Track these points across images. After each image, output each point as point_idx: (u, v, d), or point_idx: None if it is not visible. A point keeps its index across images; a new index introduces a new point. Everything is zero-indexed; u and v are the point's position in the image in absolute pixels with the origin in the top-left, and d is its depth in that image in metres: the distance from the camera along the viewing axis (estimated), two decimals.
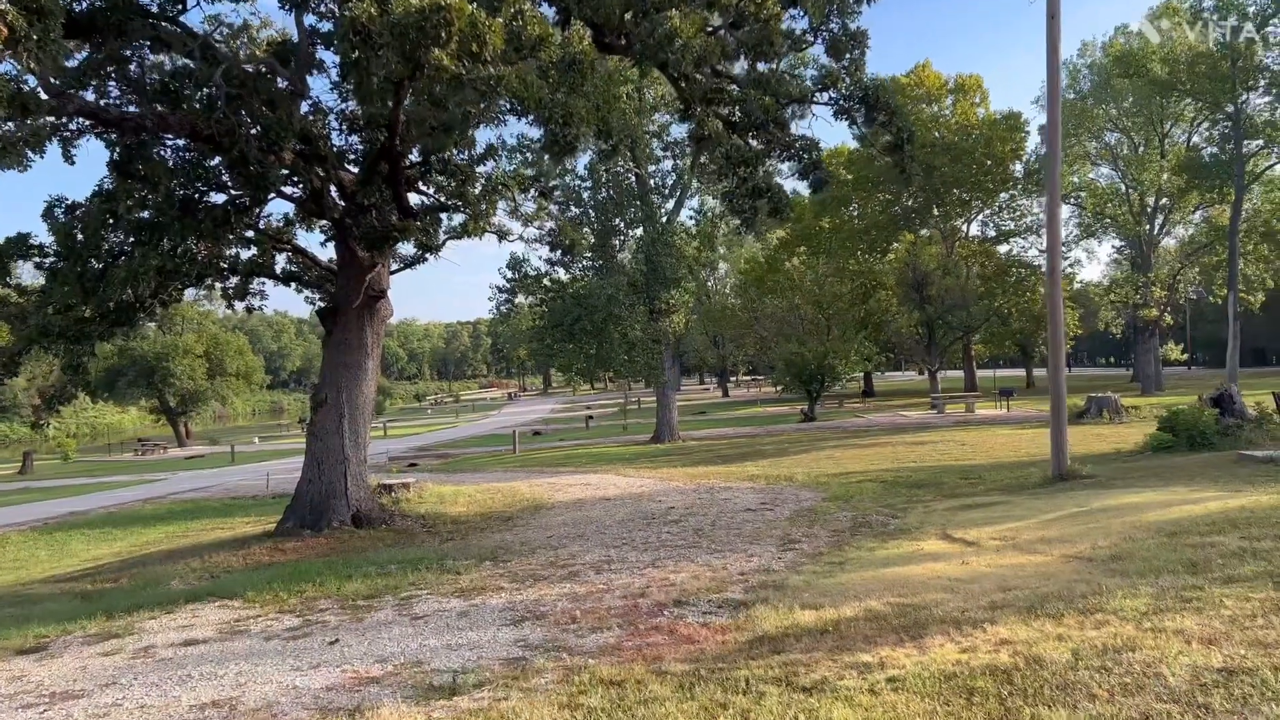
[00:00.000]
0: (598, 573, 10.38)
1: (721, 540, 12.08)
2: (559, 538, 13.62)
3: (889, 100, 13.34)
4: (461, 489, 23.15)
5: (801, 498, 16.58)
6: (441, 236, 17.27)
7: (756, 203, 13.87)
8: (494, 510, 18.61)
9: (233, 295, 17.55)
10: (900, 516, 13.12)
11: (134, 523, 24.76)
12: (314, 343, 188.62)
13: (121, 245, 14.38)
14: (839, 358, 46.93)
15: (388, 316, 16.88)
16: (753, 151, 13.18)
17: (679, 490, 19.33)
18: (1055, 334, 15.63)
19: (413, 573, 10.96)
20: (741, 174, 13.30)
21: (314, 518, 15.92)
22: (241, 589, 10.69)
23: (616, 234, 38.56)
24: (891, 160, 14.45)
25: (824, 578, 9.13)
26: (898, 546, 10.59)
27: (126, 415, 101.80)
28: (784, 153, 13.73)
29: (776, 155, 13.78)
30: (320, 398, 16.15)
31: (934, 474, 19.67)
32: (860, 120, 13.67)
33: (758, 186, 13.58)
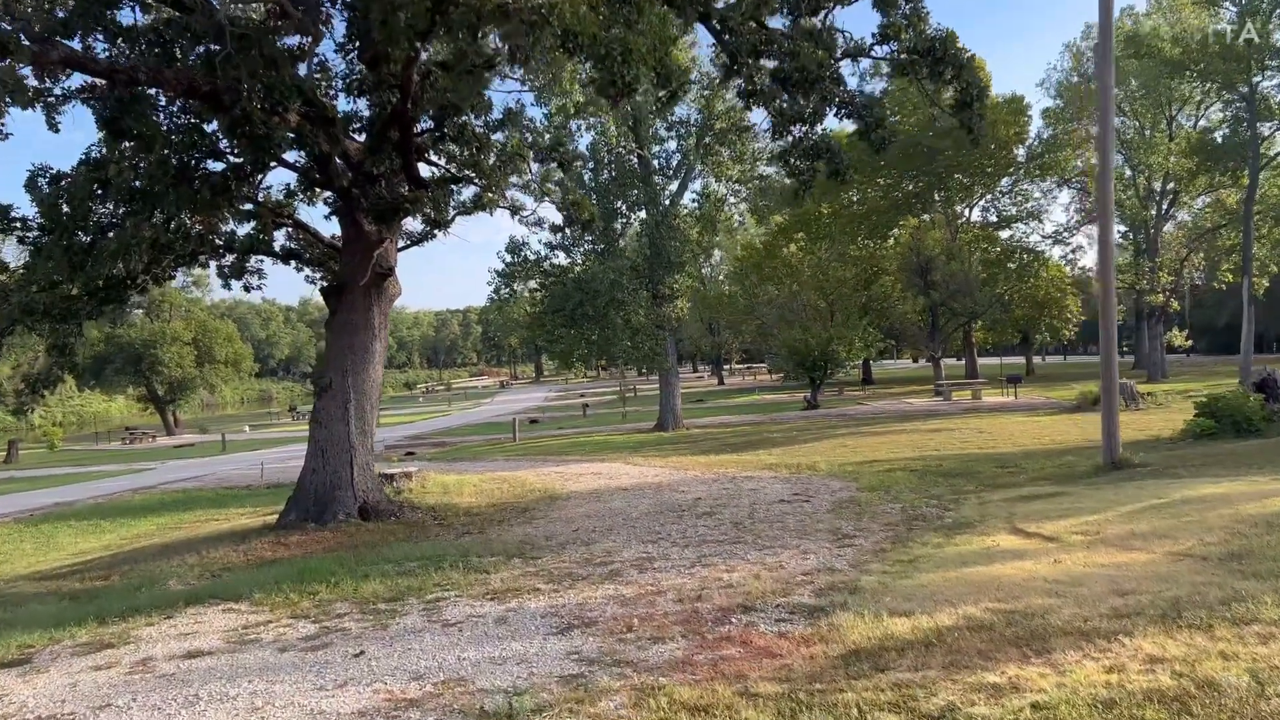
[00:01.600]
0: (641, 571, 9.44)
1: (767, 535, 11.16)
2: (586, 531, 12.67)
3: (957, 53, 12.38)
4: (465, 478, 22.20)
5: (834, 488, 15.67)
6: (451, 211, 16.26)
7: (815, 164, 12.90)
8: (506, 501, 17.66)
9: (229, 274, 16.50)
10: (953, 509, 12.22)
11: (123, 514, 23.77)
12: (303, 330, 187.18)
13: (111, 217, 13.36)
14: (843, 344, 46.13)
15: (396, 295, 15.87)
16: (809, 108, 12.21)
17: (699, 480, 18.41)
18: (1107, 320, 14.74)
19: (436, 571, 10.00)
20: (796, 133, 12.34)
21: (318, 510, 14.94)
22: (247, 589, 9.72)
23: (619, 217, 37.54)
24: (959, 120, 13.47)
25: (900, 578, 8.21)
26: (967, 542, 9.68)
27: (113, 403, 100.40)
28: (842, 109, 12.76)
29: (834, 112, 12.85)
30: (325, 382, 15.15)
31: (965, 463, 18.80)
32: (925, 75, 12.69)
33: (816, 146, 12.61)
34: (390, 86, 12.61)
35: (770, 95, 11.80)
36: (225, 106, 11.13)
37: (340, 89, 14.47)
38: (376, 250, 14.78)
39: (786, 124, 12.35)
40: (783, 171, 13.56)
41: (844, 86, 12.54)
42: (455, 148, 14.84)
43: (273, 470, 31.69)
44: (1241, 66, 39.59)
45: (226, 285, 16.45)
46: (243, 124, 11.03)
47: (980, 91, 12.86)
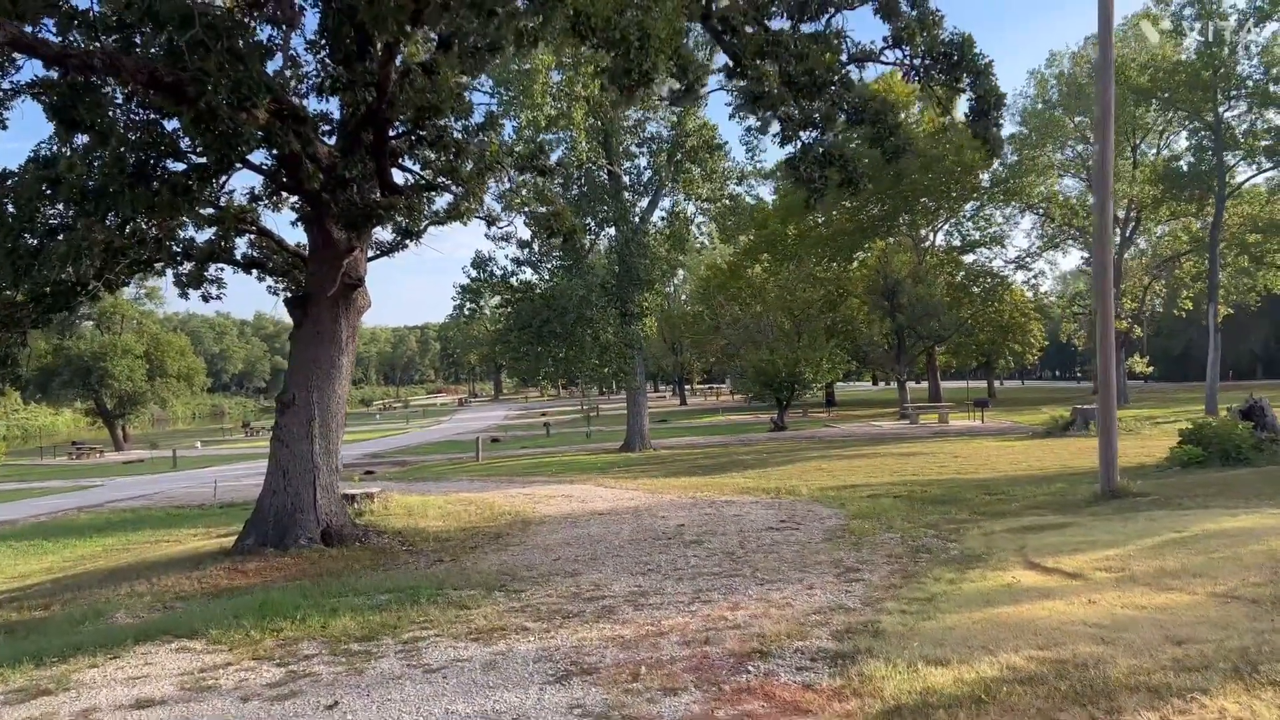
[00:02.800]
0: (636, 608, 8.71)
1: (764, 567, 10.48)
2: (567, 561, 11.92)
3: (975, 58, 11.84)
4: (429, 499, 21.39)
5: (821, 515, 15.05)
6: (423, 221, 15.50)
7: (826, 172, 12.30)
8: (476, 525, 16.85)
9: (186, 283, 15.58)
10: (955, 540, 11.62)
11: (68, 534, 22.62)
12: (257, 345, 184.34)
13: (61, 218, 12.46)
14: (809, 365, 45.79)
15: (365, 308, 15.04)
16: (819, 112, 11.62)
17: (677, 505, 17.72)
18: (1105, 344, 14.27)
19: (411, 606, 9.19)
20: (805, 139, 11.75)
21: (278, 534, 14.03)
22: (203, 625, 8.85)
23: (588, 232, 36.89)
24: (973, 130, 12.93)
25: (923, 619, 7.57)
26: (983, 578, 9.07)
27: (60, 417, 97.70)
28: (853, 116, 12.18)
29: (844, 119, 12.23)
30: (288, 397, 14.27)
31: (950, 489, 18.29)
32: (940, 81, 12.14)
33: (828, 153, 12.01)
34: (366, 85, 11.88)
35: (778, 99, 11.19)
36: (189, 100, 10.31)
37: (310, 88, 13.69)
38: (346, 259, 13.97)
39: (795, 129, 11.76)
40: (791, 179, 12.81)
41: (854, 91, 12.00)
42: (431, 153, 14.11)
43: (226, 489, 30.56)
44: (1208, 96, 39.93)
45: (184, 295, 15.56)
46: (208, 119, 10.22)
47: (999, 99, 12.35)
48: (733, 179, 41.30)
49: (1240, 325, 65.07)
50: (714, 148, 37.21)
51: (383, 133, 12.66)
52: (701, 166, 37.59)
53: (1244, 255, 47.70)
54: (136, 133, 12.32)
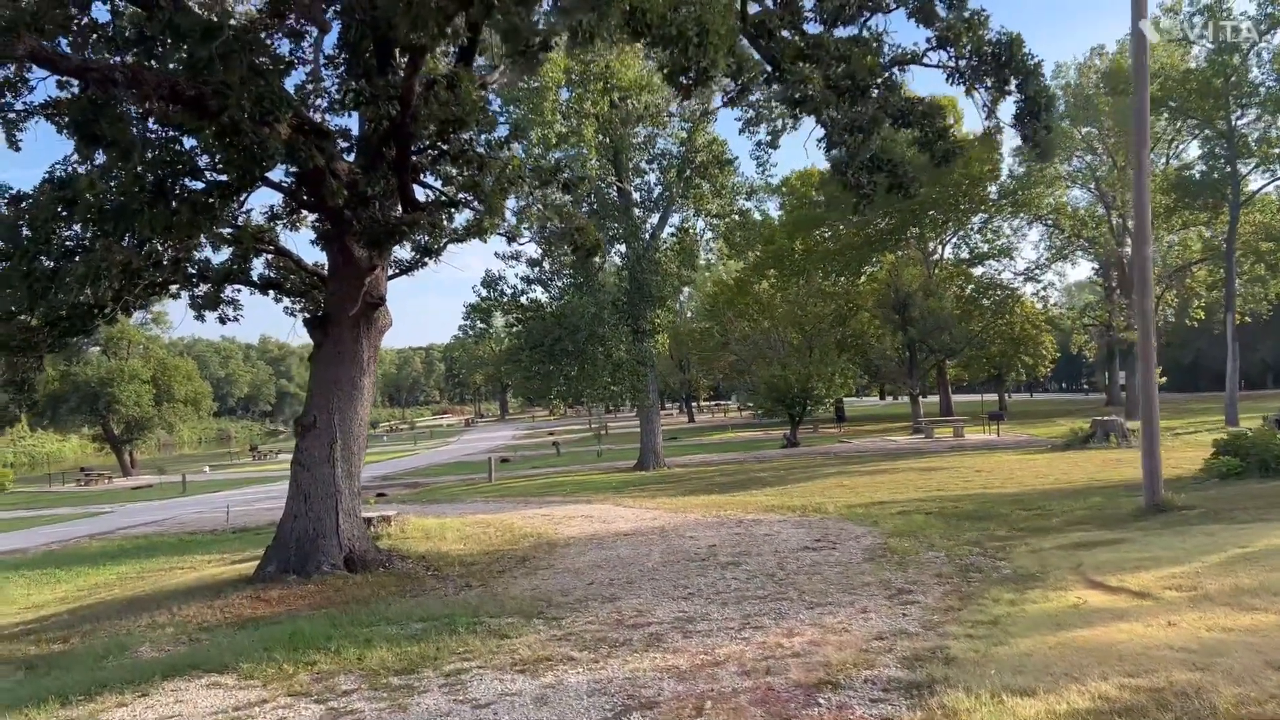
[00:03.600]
0: (685, 636, 8.34)
1: (810, 590, 10.10)
2: (602, 585, 11.54)
3: (1024, 58, 11.52)
4: (447, 522, 21.00)
5: (855, 533, 14.66)
6: (443, 238, 15.20)
7: (875, 177, 11.96)
8: (498, 548, 16.46)
9: (203, 304, 15.26)
10: (1004, 558, 11.24)
11: (80, 562, 22.25)
12: (262, 369, 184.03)
13: (78, 240, 12.17)
14: (821, 380, 45.41)
15: (386, 327, 14.71)
16: (865, 116, 11.29)
17: (703, 524, 17.32)
18: (1145, 354, 13.91)
19: (449, 635, 8.83)
20: (851, 144, 11.43)
21: (300, 560, 13.66)
22: (232, 658, 8.49)
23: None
24: (1022, 133, 12.60)
25: (994, 645, 7.19)
26: (1045, 599, 8.69)
27: (67, 443, 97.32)
28: (899, 120, 11.87)
29: (890, 122, 11.91)
30: (309, 420, 13.92)
31: (981, 504, 17.87)
32: (989, 85, 11.80)
33: (876, 158, 11.69)
34: (389, 98, 11.59)
35: (821, 102, 10.87)
36: (211, 114, 10.03)
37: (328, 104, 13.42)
38: (367, 278, 13.65)
39: (840, 133, 11.44)
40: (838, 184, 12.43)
41: (899, 94, 11.69)
42: (453, 169, 13.82)
43: (238, 513, 30.23)
44: (1219, 104, 39.71)
45: (200, 317, 15.22)
46: (231, 133, 9.94)
47: (1049, 100, 12.02)
48: (742, 194, 41.09)
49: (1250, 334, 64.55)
50: (724, 163, 36.98)
51: (405, 148, 12.37)
52: (711, 182, 37.35)
53: (1260, 263, 47.34)
54: (154, 150, 12.04)
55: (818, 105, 10.75)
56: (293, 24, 12.09)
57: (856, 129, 11.28)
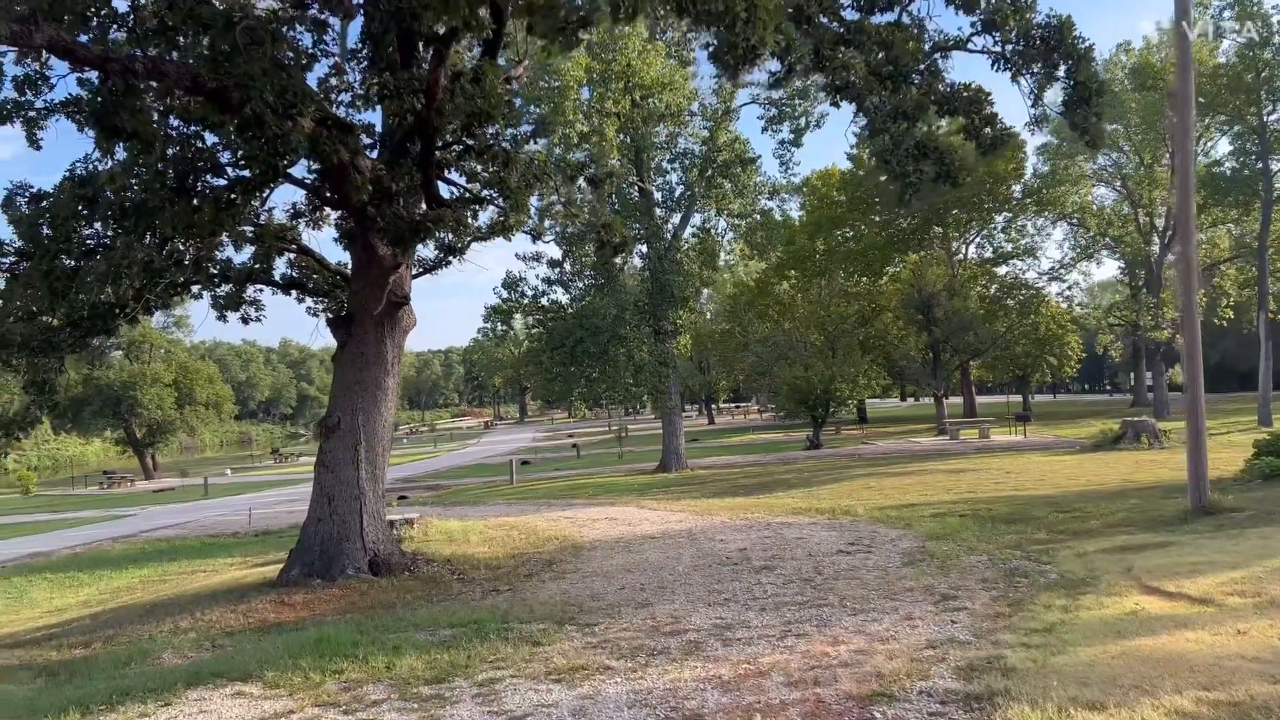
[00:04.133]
0: (725, 644, 8.03)
1: (850, 595, 9.77)
2: (633, 590, 11.24)
3: (1075, 42, 11.12)
4: (469, 524, 20.76)
5: (889, 536, 14.31)
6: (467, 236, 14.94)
7: (920, 165, 11.60)
8: (524, 551, 16.19)
9: (225, 305, 15.08)
10: (1048, 562, 10.88)
11: (103, 565, 22.16)
12: (283, 372, 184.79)
13: (99, 239, 11.98)
14: (845, 382, 44.96)
15: (410, 327, 14.47)
16: (909, 102, 10.93)
17: (731, 527, 17.00)
18: (1192, 348, 13.50)
19: (479, 642, 8.54)
20: (895, 131, 11.09)
21: (324, 564, 13.42)
22: (257, 666, 8.24)
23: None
24: (1070, 121, 12.20)
25: (1053, 654, 6.85)
26: (1100, 605, 8.33)
27: (90, 447, 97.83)
28: (944, 106, 11.51)
29: (935, 109, 11.56)
30: (332, 421, 13.69)
31: (1016, 507, 17.46)
32: (1036, 70, 11.41)
33: (921, 145, 11.34)
34: (414, 91, 11.34)
35: (865, 89, 10.51)
36: (233, 107, 9.81)
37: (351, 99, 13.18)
38: (391, 276, 13.40)
39: (884, 121, 11.09)
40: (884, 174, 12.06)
41: (943, 81, 11.33)
42: (478, 165, 13.55)
43: (260, 516, 30.11)
44: (1250, 99, 39.06)
45: (222, 317, 15.05)
46: (254, 126, 9.71)
47: (1100, 86, 11.63)
48: (764, 193, 40.74)
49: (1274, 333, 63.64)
50: (746, 161, 36.61)
51: (430, 143, 12.11)
52: (733, 181, 36.97)
53: None
54: (176, 147, 11.83)
55: (860, 92, 10.40)
56: (315, 14, 11.85)
57: (901, 115, 10.92)
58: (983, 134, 11.47)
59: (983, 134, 11.47)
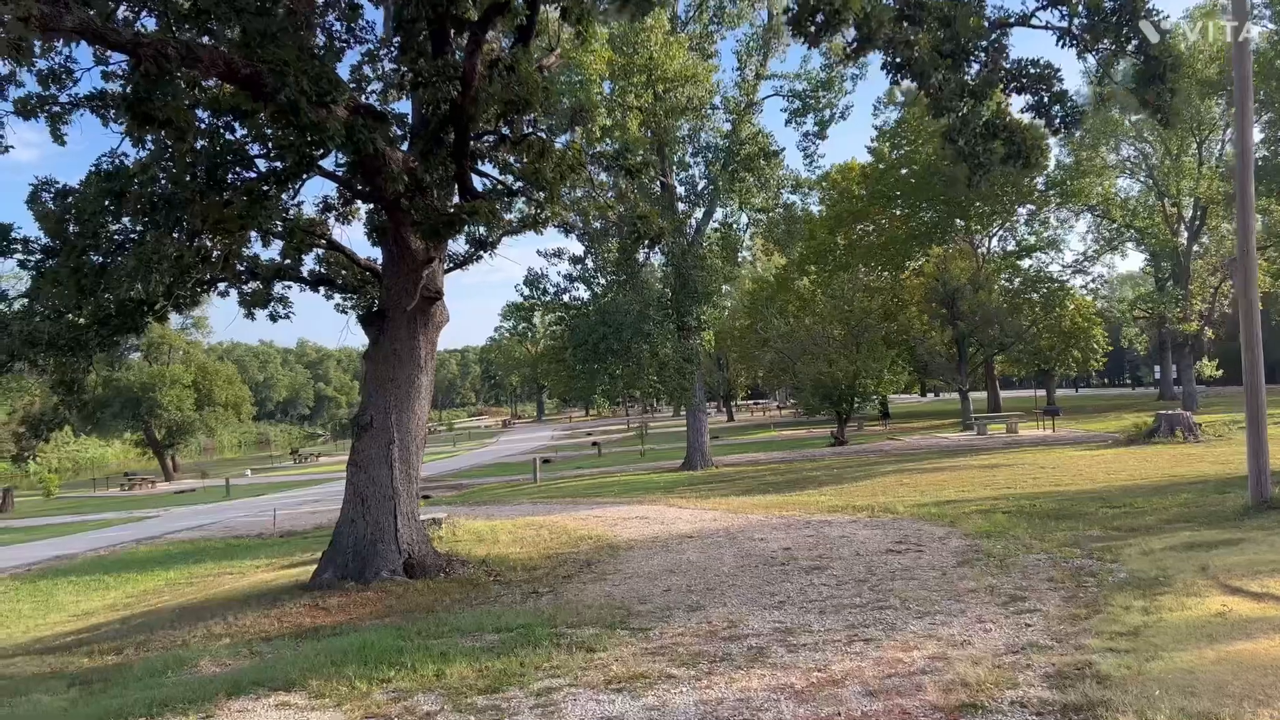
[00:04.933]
0: (790, 650, 7.64)
1: (912, 597, 9.37)
2: (680, 591, 10.87)
3: (1148, 15, 10.62)
4: (497, 524, 20.47)
5: (936, 535, 13.89)
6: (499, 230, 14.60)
7: (990, 145, 11.16)
8: (559, 551, 15.84)
9: (253, 303, 14.78)
10: (1114, 559, 10.45)
11: (128, 567, 21.94)
12: (301, 373, 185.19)
13: (127, 234, 11.68)
14: (870, 377, 44.46)
15: (443, 323, 14.12)
16: (977, 80, 10.50)
17: (769, 525, 16.61)
18: (1250, 331, 13.02)
19: (530, 648, 8.18)
20: (963, 110, 10.68)
21: (359, 566, 13.11)
22: (299, 674, 7.90)
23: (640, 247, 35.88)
24: (1140, 98, 11.70)
25: (1145, 660, 6.44)
26: (1183, 607, 7.91)
27: (110, 449, 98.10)
28: (1010, 83, 11.05)
29: (1002, 87, 11.10)
30: (365, 420, 13.36)
31: (1061, 503, 17.02)
32: (1105, 46, 10.93)
33: (990, 124, 10.90)
34: (450, 79, 10.99)
35: (929, 65, 10.07)
36: (267, 94, 9.48)
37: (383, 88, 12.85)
38: (424, 271, 13.06)
39: (949, 99, 10.66)
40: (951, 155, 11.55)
41: (1007, 58, 10.87)
42: (511, 156, 13.19)
43: (284, 517, 29.89)
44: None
45: (250, 315, 14.72)
46: (290, 112, 9.37)
47: (1175, 60, 11.14)
48: (787, 187, 40.29)
49: None
50: (769, 155, 36.16)
51: (465, 132, 11.75)
52: (756, 175, 36.53)
53: None
54: (204, 140, 11.52)
55: (925, 69, 9.95)
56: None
57: (969, 93, 10.48)
58: (1052, 112, 10.99)
59: (1052, 112, 10.99)
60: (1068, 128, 11.33)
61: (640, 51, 31.46)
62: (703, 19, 36.59)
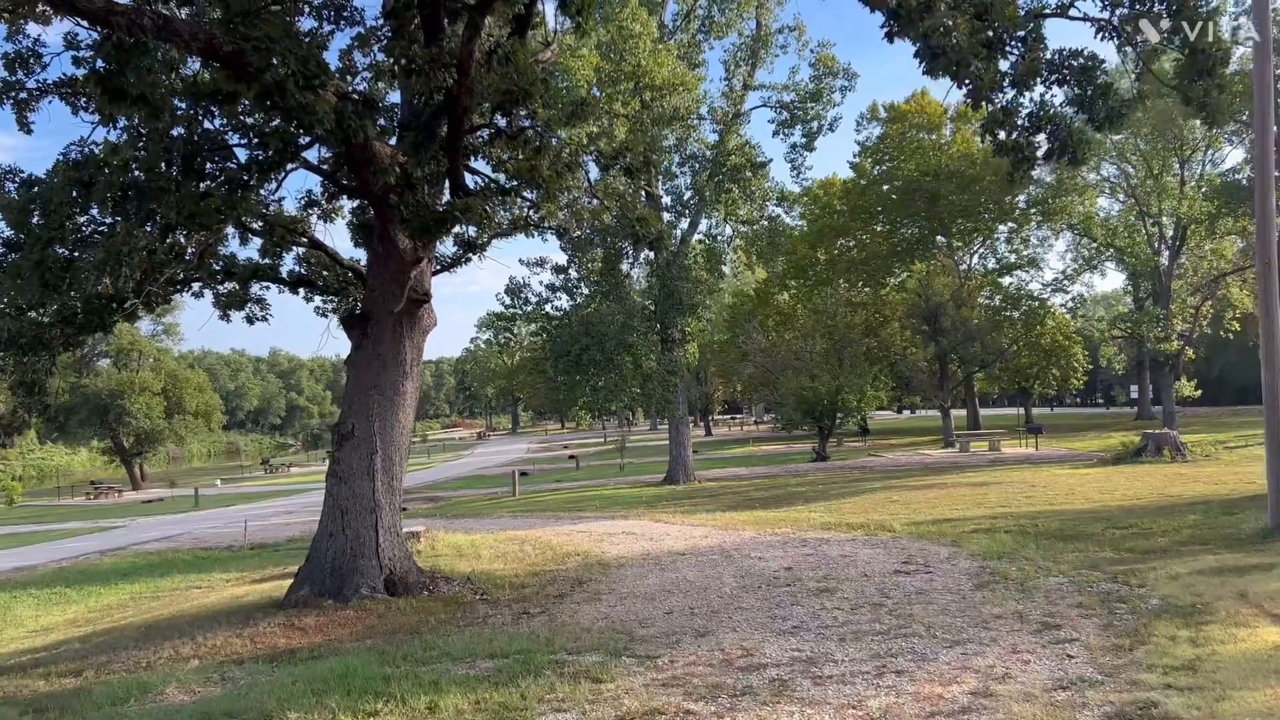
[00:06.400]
0: (815, 683, 7.02)
1: (936, 624, 8.77)
2: (683, 614, 10.22)
3: (1196, 7, 10.09)
4: (478, 538, 19.76)
5: (941, 555, 13.33)
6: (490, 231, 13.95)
7: (1033, 138, 10.60)
8: (545, 568, 15.14)
9: (228, 304, 14.05)
10: (1141, 584, 9.91)
11: (92, 580, 21.03)
12: (273, 382, 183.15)
13: (95, 225, 10.96)
14: (852, 392, 44.04)
15: (431, 327, 13.43)
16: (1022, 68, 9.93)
17: (764, 543, 16.01)
18: (1271, 345, 12.56)
19: (530, 678, 7.49)
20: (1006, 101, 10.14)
21: (337, 583, 12.36)
22: (276, 706, 7.20)
23: (625, 256, 35.26)
24: (1185, 94, 11.17)
25: (1215, 699, 5.88)
26: (1234, 638, 7.36)
27: (76, 456, 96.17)
28: (1051, 75, 10.50)
29: (1043, 79, 10.55)
30: (346, 428, 12.64)
31: (1064, 523, 16.51)
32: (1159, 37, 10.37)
33: (1035, 116, 10.36)
34: (444, 66, 10.36)
35: (968, 53, 9.48)
36: (251, 74, 8.82)
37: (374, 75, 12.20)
38: (412, 271, 12.38)
39: (985, 90, 10.08)
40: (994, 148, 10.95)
41: (1045, 48, 10.32)
42: (505, 152, 12.55)
43: (255, 529, 28.96)
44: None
45: (225, 316, 14.00)
46: (275, 94, 8.71)
47: (1225, 54, 10.65)
48: (772, 199, 39.88)
49: None
50: (756, 166, 35.73)
51: (459, 125, 11.11)
52: (742, 187, 36.08)
53: None
54: (182, 126, 10.82)
55: (963, 57, 9.38)
56: None
57: (1011, 83, 9.94)
58: (1096, 107, 10.44)
59: (1096, 107, 10.44)
60: (1112, 123, 10.81)
61: (628, 59, 30.94)
62: (690, 28, 36.18)
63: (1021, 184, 21.79)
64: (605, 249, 32.53)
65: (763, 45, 36.14)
